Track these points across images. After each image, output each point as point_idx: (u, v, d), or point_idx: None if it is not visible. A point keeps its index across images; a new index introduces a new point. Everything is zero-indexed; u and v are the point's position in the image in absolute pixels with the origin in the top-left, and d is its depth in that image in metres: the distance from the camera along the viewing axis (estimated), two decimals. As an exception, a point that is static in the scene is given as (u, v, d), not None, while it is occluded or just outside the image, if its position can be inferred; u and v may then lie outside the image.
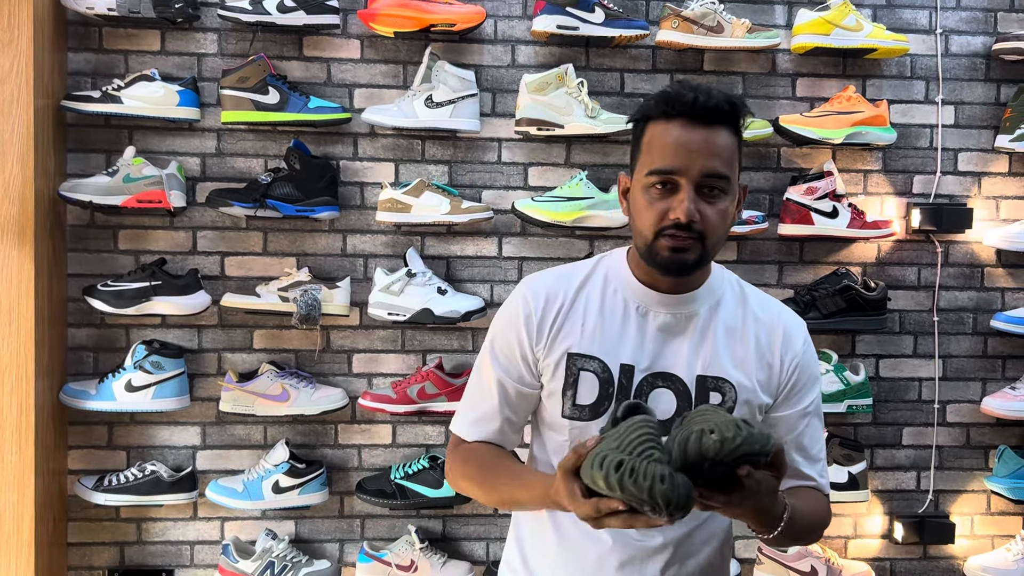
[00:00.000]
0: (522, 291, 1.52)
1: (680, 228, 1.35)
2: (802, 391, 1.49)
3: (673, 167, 1.35)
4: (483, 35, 2.67)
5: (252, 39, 2.59)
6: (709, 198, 1.36)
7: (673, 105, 1.36)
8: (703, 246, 1.37)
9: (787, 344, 1.48)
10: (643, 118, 1.41)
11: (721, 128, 1.37)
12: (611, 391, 1.44)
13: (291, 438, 2.62)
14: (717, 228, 1.38)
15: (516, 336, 1.49)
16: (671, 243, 1.36)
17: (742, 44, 2.62)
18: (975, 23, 2.79)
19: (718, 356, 1.45)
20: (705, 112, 1.35)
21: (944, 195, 2.80)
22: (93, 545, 2.62)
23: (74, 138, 2.57)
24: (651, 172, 1.37)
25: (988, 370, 2.83)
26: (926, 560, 2.84)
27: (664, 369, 1.45)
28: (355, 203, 2.65)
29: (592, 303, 1.48)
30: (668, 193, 1.36)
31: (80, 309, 2.56)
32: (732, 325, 1.47)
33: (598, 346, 1.45)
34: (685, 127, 1.35)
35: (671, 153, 1.35)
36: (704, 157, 1.35)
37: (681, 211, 1.34)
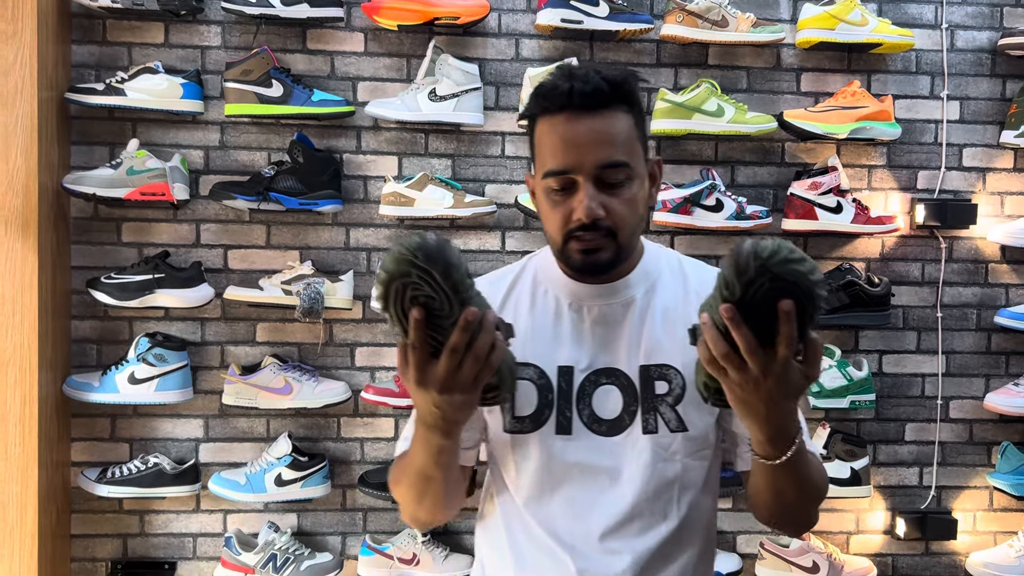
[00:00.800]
0: None
1: (586, 229, 1.26)
2: None
3: (565, 166, 1.26)
4: (487, 28, 2.66)
5: (256, 32, 2.59)
6: (612, 190, 1.27)
7: (551, 99, 1.26)
8: (616, 241, 1.28)
9: None
10: (530, 117, 1.32)
11: (609, 112, 1.26)
12: (551, 397, 1.35)
13: (294, 431, 2.63)
14: (627, 219, 1.28)
15: None
16: (581, 245, 1.28)
17: (747, 38, 2.62)
18: (981, 18, 2.78)
19: (659, 343, 1.35)
20: (585, 100, 1.25)
21: (948, 191, 2.79)
22: (96, 537, 2.63)
23: (78, 130, 2.57)
24: (546, 175, 1.28)
25: (991, 366, 2.83)
26: (928, 556, 2.84)
27: (606, 365, 1.36)
28: (358, 197, 2.65)
29: (522, 307, 1.40)
30: (567, 193, 1.27)
31: (83, 301, 2.56)
32: (671, 306, 1.37)
33: (532, 351, 1.36)
34: (569, 120, 1.25)
35: (560, 151, 1.26)
36: (595, 148, 1.25)
37: (582, 211, 1.25)
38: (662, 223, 2.59)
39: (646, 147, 1.33)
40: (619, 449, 1.34)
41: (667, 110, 2.57)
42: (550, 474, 1.35)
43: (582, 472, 1.34)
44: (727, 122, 2.59)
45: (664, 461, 1.33)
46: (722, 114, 2.59)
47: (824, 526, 2.80)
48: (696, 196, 2.57)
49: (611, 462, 1.34)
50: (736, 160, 2.74)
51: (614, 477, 1.34)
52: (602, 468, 1.34)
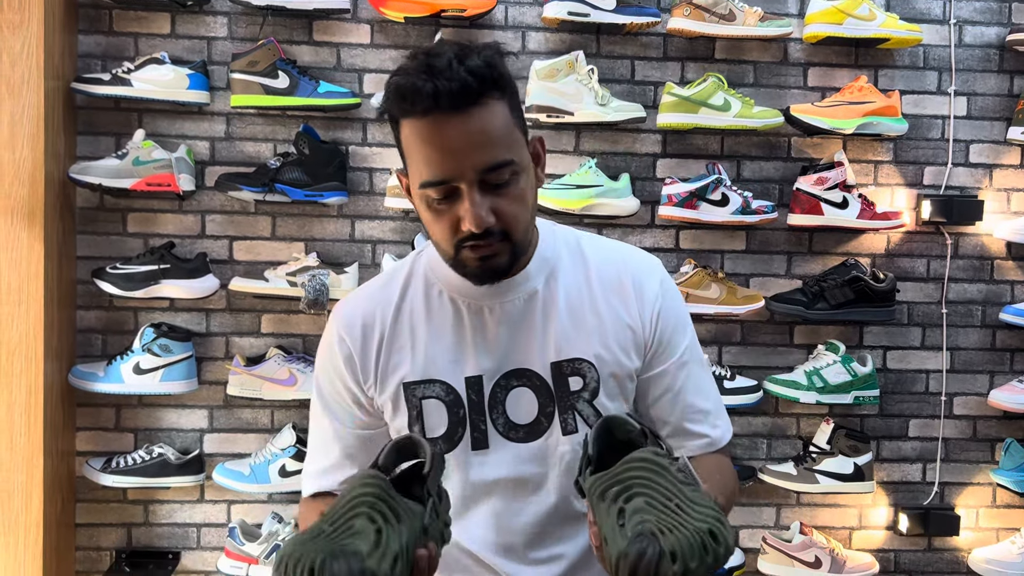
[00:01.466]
0: (335, 327, 1.31)
1: (477, 237, 1.15)
2: (672, 341, 1.31)
3: (443, 176, 1.13)
4: (493, 21, 2.66)
5: (262, 23, 2.59)
6: (499, 190, 1.15)
7: (414, 102, 1.11)
8: (511, 242, 1.18)
9: (641, 295, 1.29)
10: (392, 118, 1.18)
11: (481, 106, 1.12)
12: (462, 413, 1.27)
13: (298, 422, 2.63)
14: (519, 217, 1.18)
15: (341, 382, 1.30)
16: (476, 253, 1.17)
17: (754, 32, 2.61)
18: (989, 13, 2.77)
19: (567, 336, 1.26)
20: (453, 99, 1.10)
21: (955, 187, 2.79)
22: (100, 526, 2.64)
23: (84, 120, 2.57)
24: (423, 185, 1.15)
25: (996, 363, 2.82)
26: (931, 552, 2.84)
27: (514, 366, 1.27)
28: (364, 188, 2.65)
29: (417, 316, 1.28)
30: (450, 201, 1.15)
31: (89, 291, 2.57)
32: (575, 293, 1.29)
33: (435, 367, 1.27)
34: (438, 124, 1.11)
35: (435, 160, 1.13)
36: (473, 152, 1.12)
37: (470, 221, 1.13)
38: (667, 217, 2.58)
39: (525, 130, 1.22)
40: (540, 454, 1.28)
41: (673, 104, 2.57)
42: (472, 491, 1.29)
43: (504, 485, 1.29)
44: (733, 116, 2.58)
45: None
46: (728, 108, 2.58)
47: (827, 521, 2.80)
48: (702, 190, 2.56)
49: (533, 469, 1.28)
50: (742, 155, 2.74)
51: (538, 484, 1.29)
52: (525, 477, 1.29)
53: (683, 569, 0.91)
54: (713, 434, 1.34)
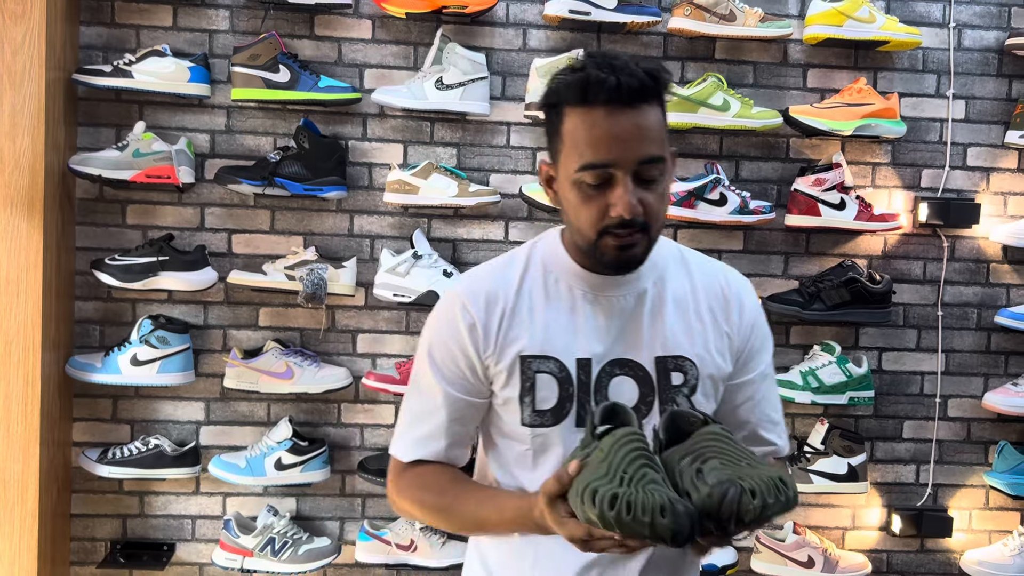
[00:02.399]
0: (459, 297, 1.38)
1: (624, 225, 1.24)
2: (759, 352, 1.43)
3: (607, 160, 1.23)
4: (495, 18, 2.66)
5: (264, 17, 2.59)
6: (647, 185, 1.25)
7: (594, 92, 1.22)
8: (648, 236, 1.28)
9: (740, 307, 1.41)
10: (560, 103, 1.27)
11: (648, 106, 1.24)
12: (571, 391, 1.35)
13: (294, 416, 2.64)
14: (659, 214, 1.29)
15: (459, 347, 1.37)
16: (617, 242, 1.26)
17: (754, 33, 2.62)
18: (989, 17, 2.78)
19: (674, 333, 1.36)
20: (631, 94, 1.22)
21: (952, 190, 2.80)
22: (96, 517, 2.64)
23: (84, 112, 2.58)
24: (582, 168, 1.24)
25: (991, 366, 2.84)
26: (923, 553, 2.86)
27: (621, 356, 1.36)
28: (363, 183, 2.66)
29: (536, 297, 1.37)
30: (603, 188, 1.24)
31: (87, 282, 2.57)
32: (681, 297, 1.39)
33: (551, 345, 1.35)
34: (611, 114, 1.22)
35: (603, 146, 1.22)
36: (637, 144, 1.23)
37: (623, 208, 1.23)
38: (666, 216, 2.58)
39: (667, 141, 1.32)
40: None
41: (673, 103, 2.57)
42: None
43: None
44: (733, 116, 2.59)
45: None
46: (728, 108, 2.59)
47: (820, 521, 2.81)
48: (700, 190, 2.57)
49: None
50: (741, 155, 2.75)
51: None
52: None
53: (762, 504, 1.02)
54: (779, 443, 1.46)
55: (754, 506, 1.02)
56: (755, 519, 1.04)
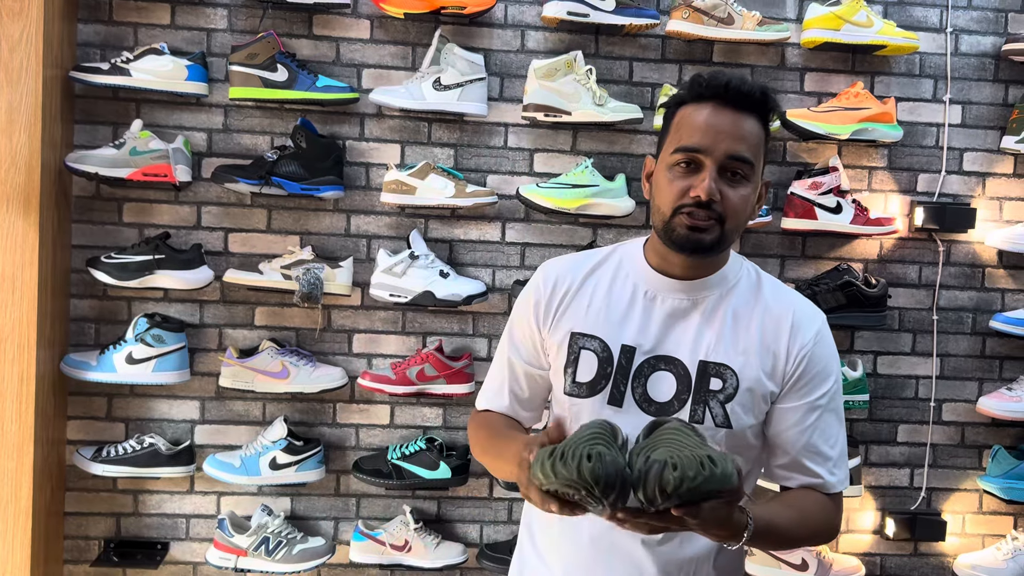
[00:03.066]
0: (538, 276, 1.57)
1: (700, 207, 1.36)
2: (811, 383, 1.46)
3: (699, 145, 1.37)
4: (493, 19, 2.66)
5: (262, 16, 2.59)
6: (732, 181, 1.38)
7: (708, 87, 1.39)
8: (721, 228, 1.38)
9: (795, 334, 1.46)
10: (677, 103, 1.44)
11: (750, 115, 1.39)
12: (609, 371, 1.45)
13: (289, 415, 2.63)
14: (737, 212, 1.39)
15: (527, 320, 1.55)
16: (689, 221, 1.38)
17: (752, 36, 2.62)
18: (986, 23, 2.79)
19: (722, 342, 1.44)
20: (737, 96, 1.38)
21: (948, 194, 2.80)
22: (89, 515, 2.63)
23: (81, 109, 2.57)
24: (677, 150, 1.39)
25: (985, 370, 2.84)
26: (916, 557, 2.86)
27: (666, 352, 1.45)
28: (360, 183, 2.66)
29: (600, 286, 1.51)
30: (691, 172, 1.38)
31: (83, 280, 2.57)
32: (740, 312, 1.47)
33: (600, 327, 1.48)
34: (715, 109, 1.38)
35: (699, 132, 1.38)
36: (730, 139, 1.37)
37: (702, 189, 1.35)
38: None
39: (765, 167, 1.46)
40: None
41: (670, 106, 2.58)
42: None
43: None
44: (730, 119, 2.59)
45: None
46: (725, 111, 2.59)
47: (814, 524, 2.81)
48: (697, 192, 2.57)
49: None
50: (738, 158, 2.75)
51: None
52: None
53: (681, 476, 1.10)
54: (827, 478, 1.48)
55: (674, 477, 1.10)
56: (676, 491, 1.11)
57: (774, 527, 1.35)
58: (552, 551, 1.54)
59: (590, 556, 1.48)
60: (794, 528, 1.43)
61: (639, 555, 1.45)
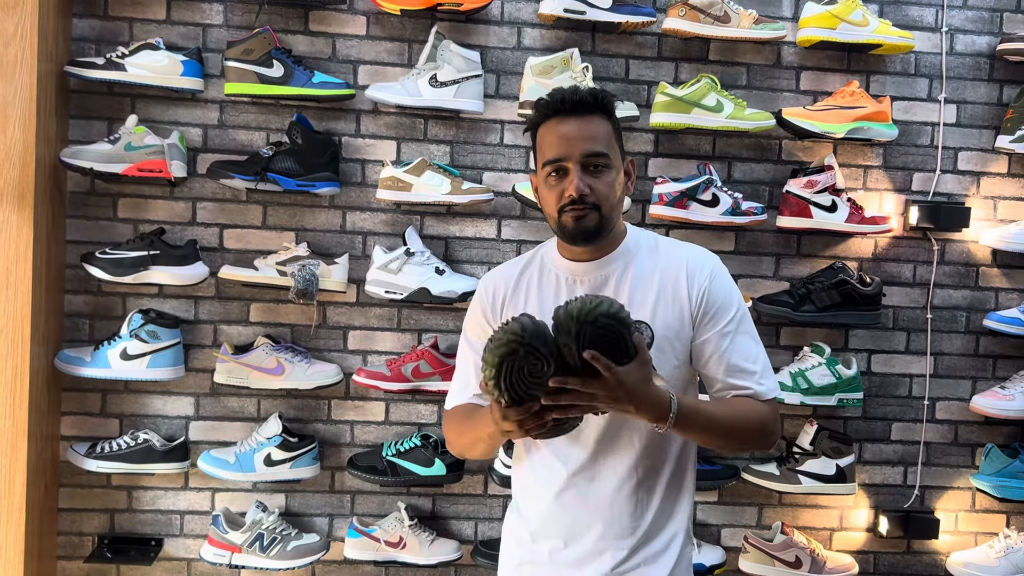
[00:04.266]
0: (479, 289, 1.83)
1: (575, 202, 1.61)
2: (717, 315, 1.68)
3: (559, 155, 1.63)
4: (490, 16, 2.66)
5: (258, 11, 2.59)
6: (595, 174, 1.63)
7: (549, 107, 1.65)
8: (599, 213, 1.63)
9: (691, 278, 1.69)
10: (533, 126, 1.69)
11: (592, 116, 1.64)
12: None
13: (284, 412, 2.63)
14: (607, 196, 1.64)
15: (479, 325, 1.78)
16: (573, 215, 1.63)
17: (748, 35, 2.63)
18: (981, 23, 2.80)
19: (634, 303, 1.66)
20: (574, 105, 1.63)
21: (943, 193, 2.81)
22: (83, 511, 2.63)
23: (76, 104, 2.57)
24: (545, 163, 1.65)
25: (979, 369, 2.85)
26: (910, 554, 2.87)
27: None
28: (356, 180, 2.65)
29: (532, 283, 1.75)
30: (562, 178, 1.64)
31: (77, 276, 2.56)
32: (641, 275, 1.70)
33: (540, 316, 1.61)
34: (562, 121, 1.64)
35: (556, 145, 1.63)
36: (581, 141, 1.62)
37: (572, 188, 1.61)
38: (659, 216, 2.60)
39: (623, 150, 1.71)
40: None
41: (666, 104, 2.58)
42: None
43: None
44: (726, 118, 2.60)
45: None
46: (721, 110, 2.60)
47: (808, 522, 2.82)
48: (693, 190, 2.58)
49: None
50: (733, 156, 2.75)
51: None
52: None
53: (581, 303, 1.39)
54: (757, 389, 1.67)
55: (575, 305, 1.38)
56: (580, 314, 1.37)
57: (700, 411, 1.57)
58: (528, 505, 1.74)
59: (558, 506, 1.68)
60: (721, 416, 1.62)
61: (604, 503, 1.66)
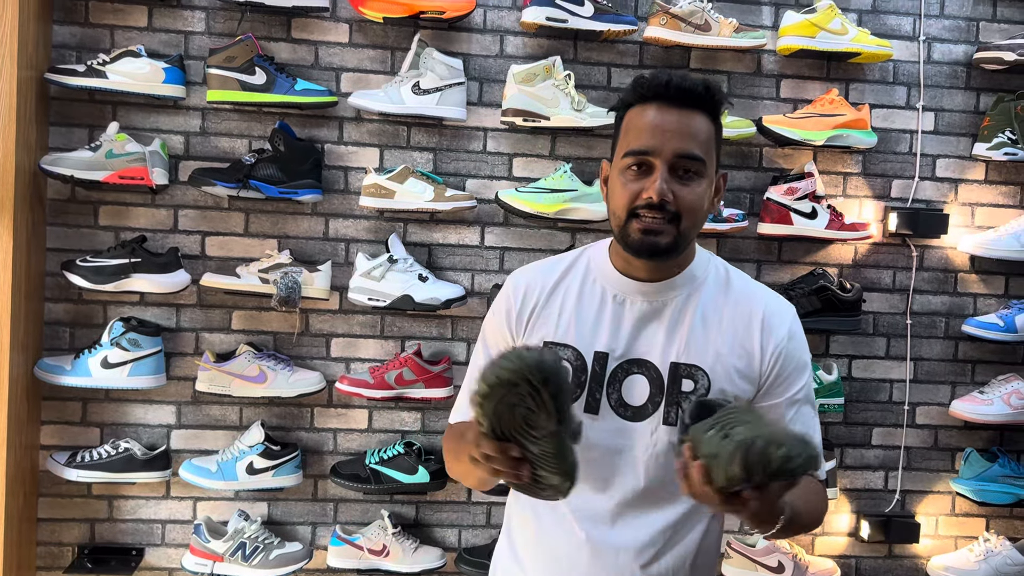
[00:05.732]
0: (508, 286, 1.56)
1: (652, 208, 1.36)
2: (789, 380, 1.46)
3: (647, 147, 1.37)
4: (472, 24, 2.67)
5: (240, 19, 2.58)
6: (684, 180, 1.37)
7: (649, 88, 1.38)
8: (677, 229, 1.38)
9: (767, 332, 1.46)
10: (623, 106, 1.44)
11: (696, 111, 1.38)
12: (584, 378, 1.45)
13: (267, 420, 2.62)
14: (693, 210, 1.38)
15: (501, 331, 1.53)
16: (643, 224, 1.38)
17: (728, 43, 2.65)
18: (957, 32, 2.83)
19: (693, 343, 1.44)
20: (680, 93, 1.37)
21: (921, 200, 2.84)
22: (63, 521, 2.61)
23: (57, 112, 2.55)
24: (627, 154, 1.39)
25: (958, 374, 2.88)
26: (891, 559, 2.89)
27: (638, 356, 1.45)
28: (339, 187, 2.65)
29: (570, 293, 1.49)
30: (643, 174, 1.38)
31: (58, 284, 2.54)
32: (709, 312, 1.46)
33: (572, 335, 1.47)
34: (660, 109, 1.38)
35: (646, 134, 1.37)
36: (678, 138, 1.36)
37: (653, 190, 1.35)
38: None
39: (719, 160, 1.44)
40: (639, 435, 1.44)
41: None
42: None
43: (603, 452, 1.44)
44: (707, 125, 2.61)
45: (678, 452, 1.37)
46: (702, 117, 2.61)
47: (790, 527, 2.83)
48: (674, 197, 2.59)
49: (631, 445, 1.44)
50: (715, 163, 2.77)
51: (631, 460, 1.44)
52: (622, 449, 1.44)
53: (787, 454, 1.09)
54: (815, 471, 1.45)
55: (780, 455, 1.09)
56: (781, 469, 1.09)
57: (797, 514, 1.35)
58: (529, 555, 1.53)
59: (568, 565, 1.46)
60: (807, 514, 1.43)
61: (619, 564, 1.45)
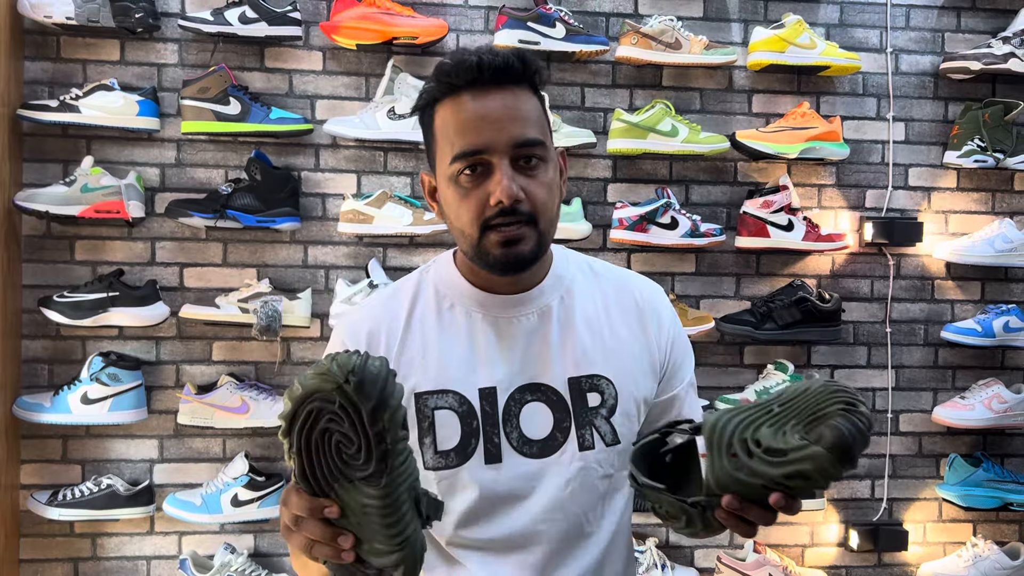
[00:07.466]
0: (339, 336, 1.27)
1: (506, 214, 1.14)
2: (683, 363, 1.35)
3: (478, 145, 1.14)
4: (446, 48, 2.69)
5: (213, 50, 2.59)
6: (529, 172, 1.16)
7: (459, 75, 1.15)
8: (537, 230, 1.17)
9: (652, 318, 1.31)
10: (430, 102, 1.19)
11: (518, 88, 1.17)
12: (475, 424, 1.23)
13: (250, 451, 2.60)
14: (547, 204, 1.17)
15: None
16: (502, 235, 1.15)
17: (700, 60, 2.68)
18: (924, 43, 2.88)
19: (587, 353, 1.25)
20: (496, 73, 1.14)
21: (895, 209, 2.87)
22: (46, 562, 2.57)
23: (30, 147, 2.54)
24: (456, 158, 1.15)
25: (939, 380, 2.90)
26: (881, 568, 2.89)
27: (530, 380, 1.25)
28: (317, 214, 2.65)
29: (429, 328, 1.25)
30: (480, 177, 1.15)
31: (35, 320, 2.52)
32: (592, 315, 1.28)
33: (448, 376, 1.23)
34: (477, 96, 1.14)
35: (471, 130, 1.14)
36: (510, 124, 1.14)
37: (501, 193, 1.12)
38: (619, 241, 2.62)
39: (551, 137, 1.24)
40: (551, 472, 1.24)
41: (623, 130, 2.62)
42: (483, 505, 1.24)
43: (516, 501, 1.25)
44: (681, 142, 2.64)
45: (599, 478, 1.26)
46: (676, 134, 2.64)
47: (779, 539, 2.83)
48: (652, 214, 2.61)
49: (546, 484, 1.24)
50: (690, 179, 2.79)
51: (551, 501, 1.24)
52: (533, 493, 1.25)
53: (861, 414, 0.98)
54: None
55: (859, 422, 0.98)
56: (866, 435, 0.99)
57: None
58: None
59: None
60: None
61: None
